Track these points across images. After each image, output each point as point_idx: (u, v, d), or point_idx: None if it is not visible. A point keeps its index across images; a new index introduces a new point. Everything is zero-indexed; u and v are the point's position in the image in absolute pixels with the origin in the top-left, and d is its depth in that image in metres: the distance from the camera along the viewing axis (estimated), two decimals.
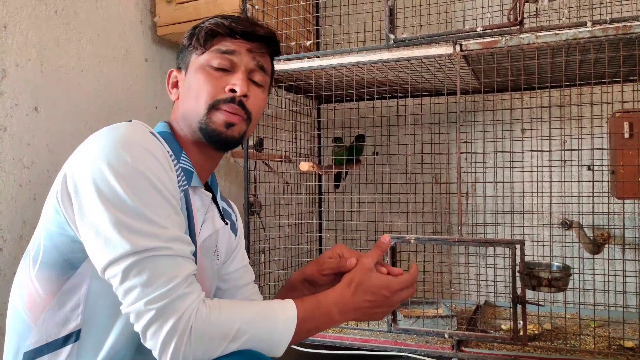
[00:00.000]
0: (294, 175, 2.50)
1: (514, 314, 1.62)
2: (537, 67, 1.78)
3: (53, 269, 0.91)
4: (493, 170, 2.13)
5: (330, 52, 1.90)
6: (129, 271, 0.81)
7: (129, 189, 0.82)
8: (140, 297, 0.81)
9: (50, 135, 1.68)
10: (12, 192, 1.55)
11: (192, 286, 0.84)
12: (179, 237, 0.86)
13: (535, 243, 2.10)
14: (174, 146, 0.99)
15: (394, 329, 1.78)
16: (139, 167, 0.84)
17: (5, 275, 1.52)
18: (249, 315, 0.86)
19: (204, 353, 0.82)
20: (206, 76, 1.00)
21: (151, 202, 0.84)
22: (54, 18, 1.71)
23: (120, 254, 0.81)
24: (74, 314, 0.90)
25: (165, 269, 0.82)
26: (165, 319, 0.80)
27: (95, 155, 0.85)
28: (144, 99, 2.10)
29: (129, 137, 0.87)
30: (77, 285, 0.90)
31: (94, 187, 0.83)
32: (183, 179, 0.96)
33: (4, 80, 1.54)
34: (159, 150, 0.90)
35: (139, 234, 0.81)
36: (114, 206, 0.82)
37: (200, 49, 1.01)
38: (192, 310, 0.82)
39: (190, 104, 1.01)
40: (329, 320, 0.94)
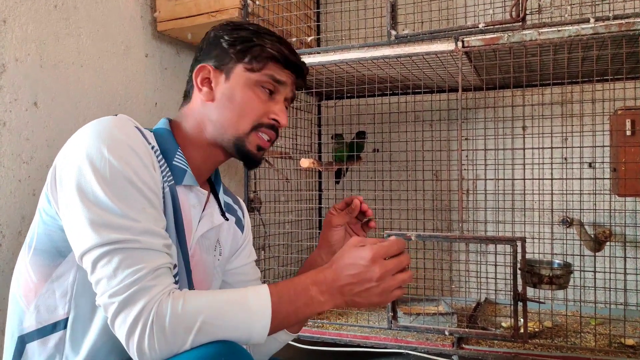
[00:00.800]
0: (294, 171, 2.49)
1: (514, 311, 1.62)
2: (539, 64, 1.77)
3: (44, 255, 0.93)
4: (494, 167, 2.12)
5: (332, 48, 1.89)
6: (97, 262, 0.82)
7: (103, 183, 0.84)
8: (106, 289, 0.81)
9: (50, 131, 1.67)
10: (11, 188, 1.55)
11: (158, 279, 0.83)
12: (150, 230, 0.85)
13: (536, 240, 2.10)
14: (168, 144, 1.00)
15: (394, 326, 1.78)
16: (115, 162, 0.85)
17: (4, 272, 1.52)
18: (214, 305, 0.83)
19: (169, 346, 0.80)
20: (256, 97, 1.02)
21: (124, 196, 0.85)
22: (54, 12, 1.70)
23: (90, 246, 0.82)
24: (62, 302, 0.92)
25: (132, 261, 0.82)
26: (128, 312, 0.80)
27: (77, 148, 0.87)
28: (143, 95, 2.09)
29: (111, 131, 0.88)
30: (65, 272, 0.92)
31: (74, 180, 0.85)
32: (169, 175, 0.96)
33: (3, 75, 1.53)
34: (140, 146, 0.90)
35: (109, 227, 0.82)
36: (89, 199, 0.84)
37: (251, 65, 1.02)
38: (154, 302, 0.80)
39: (230, 117, 1.02)
40: (310, 301, 0.87)
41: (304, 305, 0.87)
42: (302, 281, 0.89)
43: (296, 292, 0.87)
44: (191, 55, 2.39)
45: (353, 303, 0.90)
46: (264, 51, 1.01)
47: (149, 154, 0.91)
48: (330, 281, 0.88)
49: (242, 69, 1.02)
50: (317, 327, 1.94)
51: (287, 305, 0.86)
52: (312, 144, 2.66)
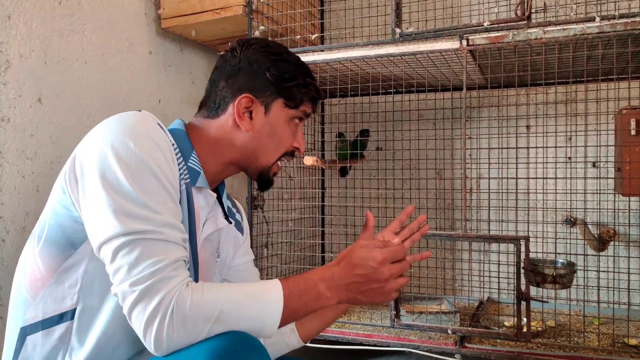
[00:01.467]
0: (297, 169, 2.49)
1: (517, 310, 1.61)
2: (544, 63, 1.77)
3: (55, 246, 0.93)
4: (498, 166, 2.12)
5: (336, 46, 1.88)
6: (118, 251, 0.83)
7: (129, 174, 0.85)
8: (125, 278, 0.82)
9: (54, 127, 1.67)
10: (15, 184, 1.55)
11: (177, 270, 0.85)
12: (171, 223, 0.87)
13: (540, 240, 2.09)
14: (184, 144, 1.02)
15: (397, 324, 1.78)
16: (140, 154, 0.87)
17: (8, 267, 1.52)
18: (232, 297, 0.86)
19: (188, 335, 0.81)
20: (290, 132, 1.08)
21: (149, 189, 0.86)
22: (58, 9, 1.70)
23: (112, 235, 0.83)
24: (70, 292, 0.93)
25: (153, 252, 0.83)
26: (148, 301, 0.81)
27: (102, 140, 0.88)
28: (147, 92, 2.09)
29: (136, 125, 0.90)
30: (75, 264, 0.93)
31: (98, 170, 0.86)
32: (186, 174, 0.98)
33: (8, 71, 1.53)
34: (163, 141, 0.92)
35: (132, 217, 0.84)
36: (113, 189, 0.85)
37: (292, 103, 1.06)
38: (174, 293, 0.82)
39: (266, 149, 1.06)
40: (318, 296, 0.91)
41: (312, 299, 0.91)
42: (311, 277, 0.92)
43: (306, 287, 0.91)
44: (195, 52, 2.40)
45: (355, 300, 0.96)
46: (307, 95, 1.07)
47: (170, 150, 0.93)
48: (337, 278, 0.92)
49: (282, 104, 1.06)
50: None
51: (297, 299, 0.90)
52: (315, 142, 2.65)
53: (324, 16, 2.57)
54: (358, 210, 2.49)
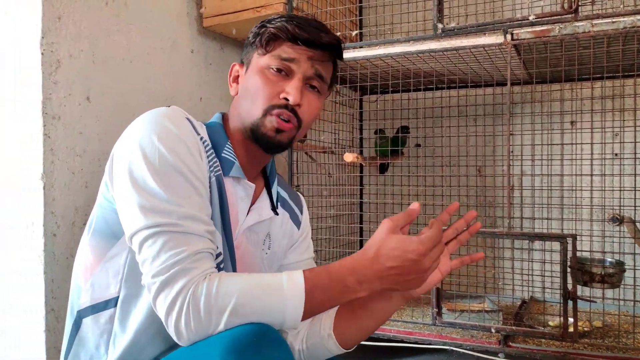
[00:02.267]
0: (335, 166, 2.49)
1: (564, 309, 1.58)
2: (592, 57, 1.72)
3: (101, 236, 0.99)
4: (541, 163, 2.08)
5: (376, 42, 1.88)
6: (143, 243, 0.86)
7: (153, 170, 0.88)
8: (149, 269, 0.85)
9: (101, 125, 1.71)
10: (65, 180, 1.59)
11: (198, 262, 0.85)
12: (192, 215, 0.88)
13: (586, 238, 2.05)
14: (219, 136, 1.03)
15: (439, 322, 1.76)
16: (164, 149, 0.89)
17: (59, 261, 1.57)
18: (247, 288, 0.84)
19: (204, 327, 0.82)
20: (264, 80, 1.00)
21: (171, 183, 0.88)
22: (105, 9, 1.73)
23: (137, 228, 0.86)
24: (114, 281, 0.97)
25: (174, 244, 0.85)
26: (168, 292, 0.83)
27: (131, 138, 0.92)
28: (189, 90, 2.12)
29: (162, 121, 0.92)
30: (118, 253, 0.97)
31: (126, 166, 0.90)
32: (216, 165, 0.99)
33: (58, 70, 1.57)
34: (189, 136, 0.94)
35: (155, 211, 0.86)
36: (138, 185, 0.88)
37: (262, 49, 1.01)
38: (192, 284, 0.83)
39: (246, 105, 1.02)
40: (345, 289, 0.86)
41: (339, 293, 0.87)
42: (338, 270, 0.87)
43: (331, 280, 0.86)
44: (235, 51, 2.42)
45: (389, 289, 0.89)
46: (267, 32, 1.00)
47: (197, 144, 0.95)
48: (370, 271, 0.86)
49: (256, 55, 1.02)
50: None
51: (321, 293, 0.86)
52: (353, 139, 2.65)
53: (362, 12, 2.56)
54: (397, 208, 2.47)
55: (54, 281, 1.55)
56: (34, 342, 1.55)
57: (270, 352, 0.80)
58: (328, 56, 1.03)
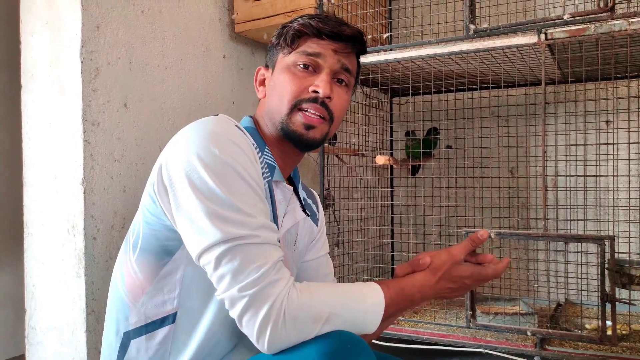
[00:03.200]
0: (366, 169, 2.50)
1: (602, 312, 1.56)
2: (628, 55, 1.69)
3: (151, 255, 0.96)
4: (576, 163, 2.05)
5: (407, 45, 1.88)
6: (221, 258, 0.84)
7: (218, 180, 0.86)
8: (233, 284, 0.83)
9: (138, 130, 1.75)
10: (104, 185, 1.63)
11: (281, 272, 0.87)
12: (265, 224, 0.88)
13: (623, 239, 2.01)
14: (258, 140, 1.03)
15: (473, 324, 1.75)
16: (226, 159, 0.87)
17: (99, 263, 1.61)
18: (339, 299, 0.88)
19: (299, 335, 0.84)
20: (291, 76, 1.01)
21: (239, 192, 0.87)
22: (141, 17, 1.78)
23: (212, 242, 0.84)
24: (170, 297, 0.96)
25: (255, 256, 0.84)
26: (259, 306, 0.83)
27: (186, 149, 0.89)
28: (221, 95, 2.16)
29: (216, 130, 0.90)
30: (173, 270, 0.95)
31: (187, 179, 0.87)
32: (267, 171, 0.99)
33: (97, 78, 1.62)
34: (244, 142, 0.92)
35: (229, 222, 0.84)
36: (206, 197, 0.85)
37: (287, 48, 1.02)
38: (284, 295, 0.84)
39: (274, 103, 1.03)
40: (411, 303, 0.97)
41: (406, 306, 0.97)
42: (411, 288, 0.96)
43: (404, 298, 0.95)
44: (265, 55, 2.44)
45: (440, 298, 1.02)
46: (291, 30, 1.01)
47: (252, 150, 0.94)
48: (433, 290, 0.97)
49: (281, 55, 1.03)
50: (394, 324, 1.93)
51: (394, 307, 0.94)
52: (383, 141, 2.65)
53: (392, 15, 2.57)
54: (428, 210, 2.47)
55: (94, 283, 1.59)
56: (76, 341, 1.59)
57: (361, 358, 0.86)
58: (351, 48, 1.05)
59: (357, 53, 1.08)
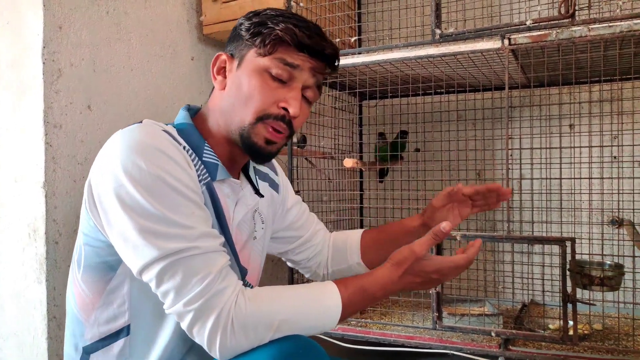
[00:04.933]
0: (335, 171, 2.50)
1: (563, 313, 1.59)
2: (589, 61, 1.73)
3: (95, 271, 0.95)
4: (540, 166, 2.09)
5: (375, 48, 1.89)
6: (162, 275, 0.83)
7: (148, 195, 0.83)
8: (177, 299, 0.83)
9: (102, 133, 1.72)
10: (67, 188, 1.61)
11: (226, 279, 0.85)
12: (205, 233, 0.86)
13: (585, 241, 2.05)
14: (194, 138, 0.97)
15: (439, 326, 1.77)
16: (154, 171, 0.84)
17: (61, 268, 1.58)
18: (291, 305, 0.87)
19: (251, 342, 0.84)
20: (262, 84, 0.95)
21: (172, 204, 0.84)
22: (106, 18, 1.75)
23: (149, 260, 0.82)
24: (121, 311, 0.95)
25: (197, 268, 0.83)
26: (205, 318, 0.82)
27: (111, 163, 0.85)
28: (189, 97, 2.14)
29: (141, 139, 0.86)
30: (119, 284, 0.94)
31: (115, 196, 0.84)
32: (204, 173, 0.95)
33: (60, 79, 1.59)
34: (173, 148, 0.88)
35: (164, 237, 0.82)
36: (136, 213, 0.83)
37: (263, 50, 0.95)
38: (230, 303, 0.83)
39: (237, 106, 0.96)
40: (373, 301, 0.95)
41: (367, 304, 0.96)
42: (372, 287, 0.94)
43: (364, 297, 0.94)
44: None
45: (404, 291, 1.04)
46: (273, 33, 0.94)
47: (182, 155, 0.90)
48: (397, 286, 0.95)
49: (254, 54, 0.96)
50: (361, 326, 1.94)
51: (353, 307, 0.93)
52: (353, 144, 2.66)
53: (362, 19, 2.58)
54: (397, 212, 2.48)
55: (56, 289, 1.56)
56: (37, 348, 1.56)
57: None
58: (327, 67, 1.01)
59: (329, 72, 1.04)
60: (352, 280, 0.94)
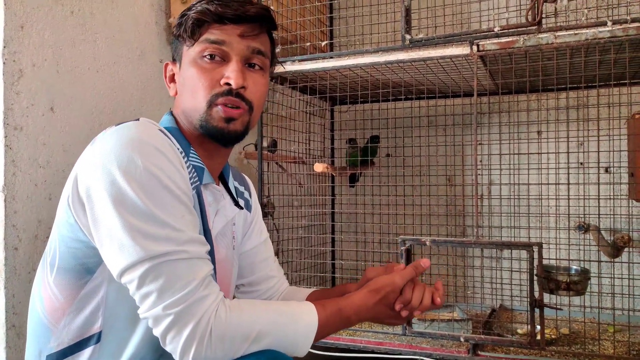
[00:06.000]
0: (307, 176, 2.49)
1: (531, 317, 1.60)
2: (555, 68, 1.76)
3: (70, 274, 0.90)
4: (509, 172, 2.11)
5: (345, 53, 1.88)
6: (145, 277, 0.80)
7: (140, 192, 0.80)
8: (157, 302, 0.80)
9: (66, 135, 1.68)
10: (28, 192, 1.55)
11: (209, 288, 0.83)
12: (194, 238, 0.84)
13: (553, 246, 2.08)
14: (182, 142, 0.96)
15: (409, 332, 1.77)
16: (149, 168, 0.82)
17: (20, 275, 1.53)
18: (270, 318, 0.86)
19: (225, 354, 0.82)
20: (199, 70, 0.94)
21: (164, 204, 0.82)
22: (70, 18, 1.71)
23: (134, 260, 0.79)
24: (94, 317, 0.90)
25: (181, 273, 0.81)
26: (184, 324, 0.80)
27: (105, 158, 0.82)
28: (158, 100, 2.10)
29: (138, 136, 0.84)
30: (95, 289, 0.89)
31: (106, 191, 0.81)
32: (195, 176, 0.94)
33: (21, 80, 1.54)
34: (169, 148, 0.86)
35: (152, 238, 0.80)
36: (127, 210, 0.80)
37: (189, 40, 0.94)
38: (210, 313, 0.81)
39: (188, 101, 0.96)
40: (347, 324, 0.96)
41: (341, 327, 0.96)
42: (348, 310, 0.95)
43: (341, 319, 0.94)
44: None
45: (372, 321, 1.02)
46: (189, 19, 0.93)
47: (177, 156, 0.88)
48: (371, 313, 0.97)
49: (185, 48, 0.97)
50: None
51: (328, 328, 0.93)
52: (324, 149, 2.65)
53: (333, 23, 2.58)
54: (368, 217, 2.48)
55: (15, 296, 1.51)
56: None
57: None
58: (259, 28, 0.98)
59: (267, 31, 1.01)
60: (329, 301, 0.95)
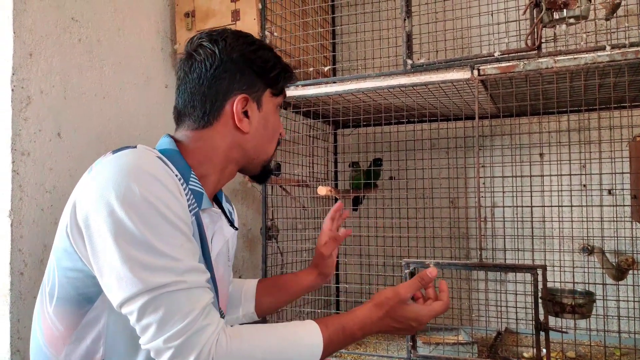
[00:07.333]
0: (310, 199, 2.50)
1: (536, 341, 1.59)
2: (556, 92, 1.77)
3: (70, 304, 0.89)
4: (512, 194, 2.11)
5: (348, 78, 1.91)
6: (144, 309, 0.80)
7: (139, 222, 0.80)
8: (157, 334, 0.80)
9: (72, 161, 1.70)
10: (34, 216, 1.57)
11: (209, 317, 0.84)
12: (193, 267, 0.84)
13: (557, 268, 2.07)
14: (181, 166, 0.96)
15: (414, 355, 1.75)
16: (147, 197, 0.81)
17: (26, 300, 1.53)
18: (272, 343, 0.86)
19: None
20: (278, 120, 1.11)
21: (162, 233, 0.82)
22: (78, 46, 1.74)
23: (133, 293, 0.79)
24: (96, 346, 0.89)
25: (181, 304, 0.81)
26: (185, 356, 0.80)
27: (103, 187, 0.83)
28: (163, 125, 2.13)
29: (136, 165, 0.84)
30: (95, 318, 0.89)
31: (104, 220, 0.81)
32: (193, 202, 0.94)
33: (29, 107, 1.57)
34: (167, 176, 0.86)
35: (151, 269, 0.80)
36: (125, 241, 0.80)
37: (277, 90, 1.08)
38: (212, 342, 0.81)
39: (264, 143, 1.08)
40: (352, 339, 0.96)
41: (347, 343, 0.96)
42: (351, 326, 0.95)
43: (345, 336, 0.95)
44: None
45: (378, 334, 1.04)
46: (287, 80, 1.09)
47: (176, 184, 0.88)
48: (375, 327, 0.97)
49: (269, 94, 1.07)
50: (336, 356, 1.91)
51: (333, 347, 0.93)
52: (328, 172, 2.67)
53: (336, 48, 2.62)
54: (372, 240, 2.48)
55: (20, 321, 1.51)
56: None
57: None
58: None
59: None
60: (332, 319, 0.95)
